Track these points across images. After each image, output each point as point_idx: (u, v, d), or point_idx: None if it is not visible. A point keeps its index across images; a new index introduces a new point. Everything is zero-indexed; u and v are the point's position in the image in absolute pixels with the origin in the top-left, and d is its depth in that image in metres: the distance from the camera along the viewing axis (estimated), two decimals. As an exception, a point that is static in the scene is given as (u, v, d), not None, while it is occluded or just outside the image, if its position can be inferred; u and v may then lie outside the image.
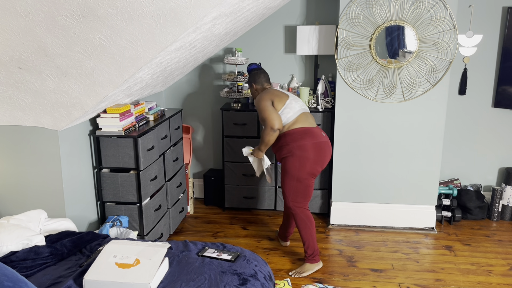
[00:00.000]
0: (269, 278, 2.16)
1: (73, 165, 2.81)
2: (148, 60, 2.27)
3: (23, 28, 1.94)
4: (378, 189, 3.75)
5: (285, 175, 3.07)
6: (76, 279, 1.97)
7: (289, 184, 3.06)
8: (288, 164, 3.04)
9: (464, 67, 3.87)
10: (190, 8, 1.99)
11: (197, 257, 2.24)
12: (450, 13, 3.35)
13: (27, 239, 2.26)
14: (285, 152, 3.04)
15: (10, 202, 2.76)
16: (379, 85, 3.56)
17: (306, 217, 3.08)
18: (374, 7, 3.39)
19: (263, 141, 3.08)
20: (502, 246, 3.49)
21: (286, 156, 3.04)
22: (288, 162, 3.03)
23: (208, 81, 4.26)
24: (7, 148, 2.69)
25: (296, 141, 2.99)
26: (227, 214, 4.12)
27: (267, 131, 3.01)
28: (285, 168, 3.07)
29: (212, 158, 4.48)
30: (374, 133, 3.65)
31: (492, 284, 2.98)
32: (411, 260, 3.29)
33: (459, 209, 3.85)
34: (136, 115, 3.14)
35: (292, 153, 3.00)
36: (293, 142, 3.00)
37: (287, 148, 3.02)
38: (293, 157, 3.00)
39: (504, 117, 3.98)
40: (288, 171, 3.04)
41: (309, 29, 3.76)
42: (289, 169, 3.03)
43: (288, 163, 3.03)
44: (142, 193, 3.00)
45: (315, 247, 3.10)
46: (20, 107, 2.48)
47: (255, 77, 3.32)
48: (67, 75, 2.27)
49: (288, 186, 3.06)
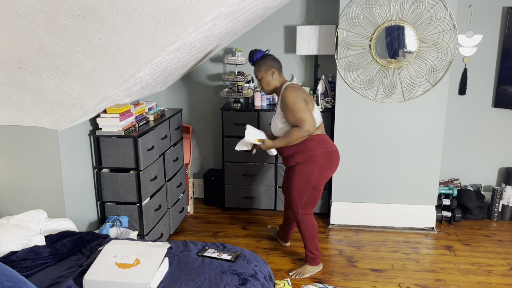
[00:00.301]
0: (269, 278, 2.16)
1: (73, 165, 2.81)
2: (148, 60, 2.27)
3: (23, 28, 1.94)
4: (378, 189, 3.75)
5: (299, 181, 2.92)
6: (76, 279, 1.97)
7: (303, 191, 2.93)
8: (306, 170, 2.90)
9: (464, 67, 3.88)
10: (190, 8, 1.99)
11: (197, 257, 2.24)
12: (450, 13, 3.35)
13: (27, 239, 2.26)
14: (305, 157, 2.89)
15: (10, 202, 2.76)
16: (379, 85, 3.56)
17: (312, 226, 3.02)
18: (374, 7, 3.39)
19: (288, 139, 2.84)
20: (502, 246, 3.49)
21: (305, 162, 2.90)
22: (307, 168, 2.89)
23: (208, 81, 4.26)
24: (7, 148, 2.69)
25: (319, 147, 2.88)
26: (227, 214, 4.12)
27: (300, 132, 2.78)
28: (301, 174, 2.91)
29: (212, 158, 4.48)
30: (374, 133, 3.65)
31: (492, 284, 2.98)
32: (411, 260, 3.29)
33: (459, 209, 3.85)
34: (136, 115, 3.14)
35: (314, 160, 2.88)
36: (316, 148, 2.88)
37: (308, 154, 2.88)
38: (313, 163, 2.88)
39: (504, 117, 3.98)
40: (305, 178, 2.90)
41: (309, 29, 3.76)
42: (307, 176, 2.90)
43: (307, 169, 2.90)
44: (142, 193, 3.00)
45: (317, 252, 3.10)
46: (20, 107, 2.48)
47: (274, 63, 2.96)
48: (67, 75, 2.27)
49: (301, 192, 2.94)
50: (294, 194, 2.97)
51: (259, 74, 2.98)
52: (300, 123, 2.77)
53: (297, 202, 2.97)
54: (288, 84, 2.91)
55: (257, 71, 2.98)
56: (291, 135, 2.82)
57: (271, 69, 2.93)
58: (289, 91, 2.83)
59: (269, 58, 2.96)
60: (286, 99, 2.82)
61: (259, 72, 2.97)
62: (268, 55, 2.99)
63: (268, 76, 2.95)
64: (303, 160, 2.91)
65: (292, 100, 2.79)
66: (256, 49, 3.03)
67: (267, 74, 2.94)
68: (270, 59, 2.95)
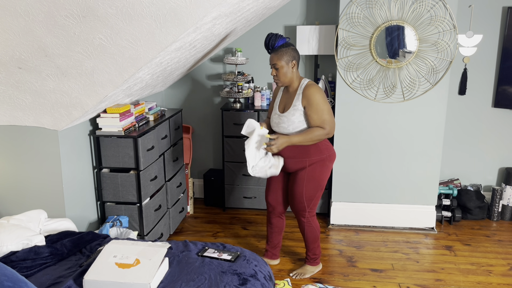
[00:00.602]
0: (269, 278, 2.16)
1: (73, 165, 2.81)
2: (148, 60, 2.27)
3: (23, 28, 1.94)
4: (378, 189, 3.75)
5: (311, 185, 2.85)
6: (76, 279, 1.97)
7: (313, 193, 2.87)
8: (318, 173, 2.83)
9: (464, 67, 3.88)
10: (190, 8, 1.99)
11: (197, 257, 2.24)
12: (450, 13, 3.35)
13: (27, 239, 2.26)
14: (316, 159, 2.80)
15: (10, 202, 2.76)
16: (379, 85, 3.55)
17: (316, 227, 3.00)
18: (374, 7, 3.39)
19: (307, 138, 2.69)
20: (502, 246, 3.49)
21: (316, 165, 2.81)
22: (319, 171, 2.83)
23: (208, 81, 4.26)
24: (7, 148, 2.69)
25: (327, 150, 2.84)
26: (227, 214, 4.12)
27: (323, 133, 2.69)
28: (313, 178, 2.83)
29: (212, 158, 4.48)
30: (374, 133, 3.65)
31: (492, 284, 2.98)
32: (411, 260, 3.29)
33: (459, 209, 3.85)
34: (136, 115, 3.14)
35: (324, 163, 2.83)
36: (326, 151, 2.83)
37: (320, 156, 2.80)
38: (324, 166, 2.84)
39: (504, 117, 3.98)
40: (317, 181, 2.85)
41: (309, 29, 3.76)
42: (319, 179, 2.85)
43: (319, 172, 2.83)
44: (142, 193, 3.00)
45: (319, 253, 3.10)
46: (20, 107, 2.48)
47: (296, 55, 2.75)
48: (67, 75, 2.27)
49: (311, 195, 2.87)
50: (303, 199, 2.88)
51: (278, 62, 2.70)
52: (325, 124, 2.69)
53: (305, 206, 2.91)
54: (310, 82, 2.77)
55: (277, 59, 2.70)
56: (312, 134, 2.68)
57: (292, 60, 2.72)
58: (317, 90, 2.70)
59: (292, 48, 2.72)
60: (314, 97, 2.67)
61: (280, 61, 2.70)
62: (291, 44, 2.76)
63: (289, 68, 2.72)
64: (313, 162, 2.81)
65: (321, 100, 2.68)
66: (276, 34, 2.73)
67: (288, 65, 2.71)
68: (293, 49, 2.72)
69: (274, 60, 2.72)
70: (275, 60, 2.71)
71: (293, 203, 2.96)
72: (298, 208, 2.94)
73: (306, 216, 2.95)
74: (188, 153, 4.22)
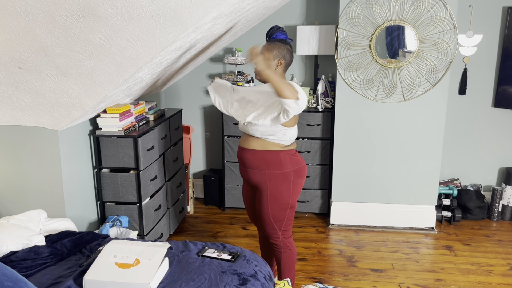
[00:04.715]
0: (269, 278, 2.16)
1: (73, 165, 2.81)
2: (148, 60, 2.27)
3: (23, 28, 1.94)
4: (378, 189, 3.75)
5: (274, 204, 2.50)
6: (76, 279, 1.97)
7: (279, 213, 2.51)
8: (281, 190, 2.48)
9: (464, 67, 3.87)
10: (190, 8, 1.99)
11: (197, 257, 2.24)
12: (450, 13, 3.34)
13: (27, 239, 2.26)
14: (276, 174, 2.47)
15: (10, 202, 2.76)
16: (379, 85, 3.55)
17: (294, 251, 2.64)
18: (374, 7, 3.39)
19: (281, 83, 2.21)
20: (502, 246, 3.49)
21: (277, 180, 2.48)
22: (281, 188, 2.48)
23: (208, 81, 4.26)
24: (7, 148, 2.69)
25: (292, 164, 2.49)
26: (227, 214, 4.12)
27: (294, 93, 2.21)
28: (275, 196, 2.49)
29: (212, 158, 4.48)
30: (374, 133, 3.65)
31: (492, 284, 2.98)
32: (411, 260, 3.29)
33: (459, 209, 3.85)
34: (136, 115, 3.14)
35: (287, 178, 2.48)
36: (289, 165, 2.48)
37: (281, 170, 2.47)
38: (287, 182, 2.48)
39: (504, 117, 3.98)
40: (281, 199, 2.49)
41: (309, 29, 3.76)
42: (282, 197, 2.49)
43: (281, 189, 2.48)
44: (142, 193, 3.00)
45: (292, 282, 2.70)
46: (20, 107, 2.48)
47: (287, 56, 2.46)
48: (67, 75, 2.27)
49: (278, 214, 2.51)
50: (270, 221, 2.53)
51: (266, 53, 2.43)
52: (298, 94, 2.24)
53: (276, 228, 2.55)
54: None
55: (266, 49, 2.45)
56: (286, 83, 2.23)
57: (280, 58, 2.44)
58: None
59: (287, 47, 2.46)
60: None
61: (268, 52, 2.43)
62: (288, 44, 2.50)
63: (274, 63, 2.44)
64: (274, 179, 2.47)
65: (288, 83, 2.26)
66: (280, 28, 2.53)
67: (274, 60, 2.44)
68: (287, 49, 2.46)
69: (264, 49, 2.46)
70: (264, 50, 2.46)
71: (262, 226, 2.60)
72: (267, 231, 2.58)
73: (280, 239, 2.57)
74: (188, 153, 4.22)
